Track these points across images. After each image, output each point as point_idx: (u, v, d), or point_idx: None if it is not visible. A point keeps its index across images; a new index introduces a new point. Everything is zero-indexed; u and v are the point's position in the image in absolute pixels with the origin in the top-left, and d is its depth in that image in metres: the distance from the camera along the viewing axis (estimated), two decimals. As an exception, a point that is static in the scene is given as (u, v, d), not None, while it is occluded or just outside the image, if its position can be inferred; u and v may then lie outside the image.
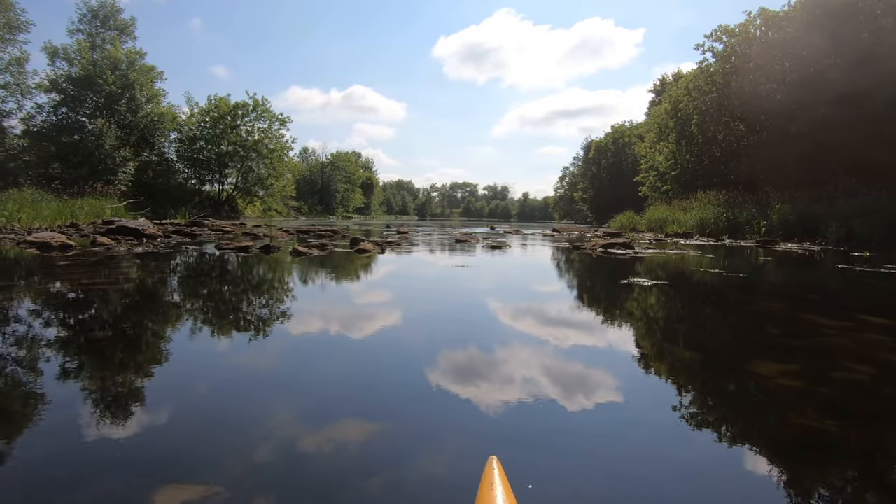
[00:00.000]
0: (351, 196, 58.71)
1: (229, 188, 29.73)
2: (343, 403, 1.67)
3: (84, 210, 15.74)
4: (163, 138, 26.17)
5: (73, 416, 1.50)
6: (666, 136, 23.75)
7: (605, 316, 3.44)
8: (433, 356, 2.26)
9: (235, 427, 1.45)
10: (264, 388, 1.80)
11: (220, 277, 4.66)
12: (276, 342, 2.45)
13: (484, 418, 1.55)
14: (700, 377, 2.11)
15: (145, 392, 1.72)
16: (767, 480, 1.26)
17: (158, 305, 3.30)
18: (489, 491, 1.03)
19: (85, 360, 2.07)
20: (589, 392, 1.83)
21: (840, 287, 4.96)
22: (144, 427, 1.44)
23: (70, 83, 22.12)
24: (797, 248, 10.07)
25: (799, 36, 16.17)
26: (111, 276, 4.33)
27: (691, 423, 1.59)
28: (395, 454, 1.32)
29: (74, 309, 3.10)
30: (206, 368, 2.02)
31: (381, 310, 3.39)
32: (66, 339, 2.39)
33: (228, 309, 3.25)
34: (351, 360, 2.18)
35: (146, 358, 2.15)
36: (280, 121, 30.26)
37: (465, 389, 1.80)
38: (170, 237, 8.88)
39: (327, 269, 5.45)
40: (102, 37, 24.98)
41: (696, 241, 12.86)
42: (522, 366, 2.11)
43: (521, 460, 1.28)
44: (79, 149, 20.70)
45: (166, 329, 2.66)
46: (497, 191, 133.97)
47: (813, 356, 2.35)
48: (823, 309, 3.74)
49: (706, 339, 2.81)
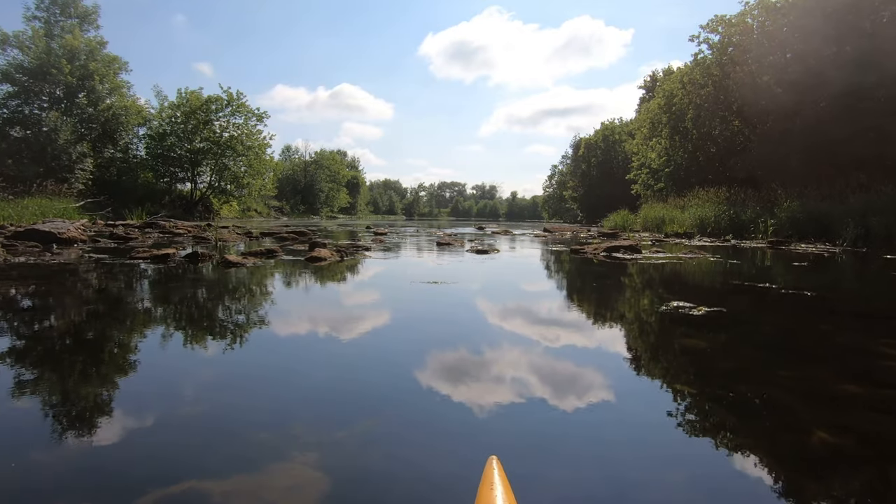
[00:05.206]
0: (336, 196, 57.14)
1: (203, 187, 28.09)
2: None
3: (29, 211, 14.30)
4: (128, 133, 24.44)
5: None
6: (659, 131, 22.85)
7: (687, 405, 1.84)
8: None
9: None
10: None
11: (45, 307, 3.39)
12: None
13: (484, 419, 1.54)
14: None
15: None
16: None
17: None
18: (489, 491, 1.03)
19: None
20: (589, 391, 1.87)
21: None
22: None
23: (22, 73, 20.41)
24: (815, 250, 9.08)
25: (800, 25, 15.31)
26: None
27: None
28: (396, 454, 1.32)
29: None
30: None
31: (242, 382, 2.17)
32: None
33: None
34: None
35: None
36: (257, 116, 28.68)
37: (464, 391, 1.79)
38: (97, 241, 7.53)
39: (233, 291, 4.05)
40: (62, 25, 23.26)
41: (699, 241, 11.85)
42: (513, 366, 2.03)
43: (521, 460, 1.28)
44: (31, 144, 19.04)
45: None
46: (485, 190, 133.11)
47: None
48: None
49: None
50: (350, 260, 6.20)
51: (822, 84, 14.23)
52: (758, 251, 8.99)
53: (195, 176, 27.54)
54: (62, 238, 6.74)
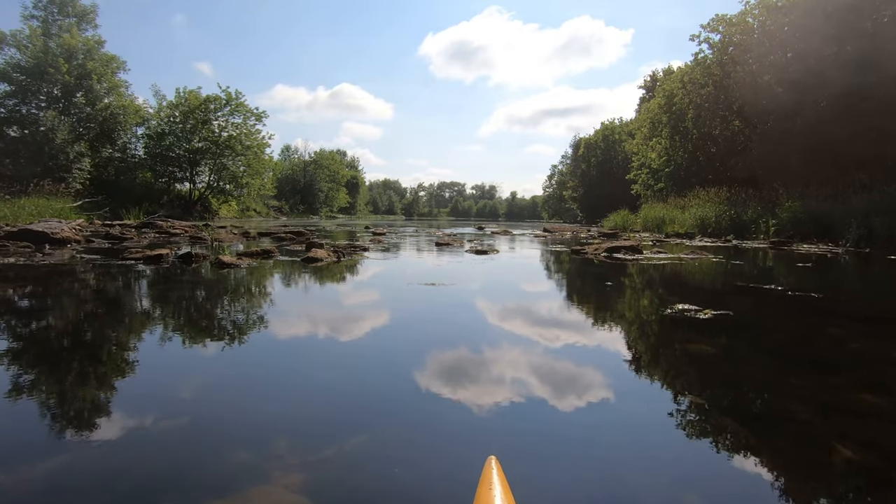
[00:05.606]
0: (335, 195, 57.01)
1: (201, 187, 27.96)
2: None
3: (25, 210, 14.21)
4: (126, 133, 24.30)
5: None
6: (659, 131, 22.76)
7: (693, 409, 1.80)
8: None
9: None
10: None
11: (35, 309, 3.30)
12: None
13: (483, 419, 1.54)
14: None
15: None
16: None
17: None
18: (488, 491, 1.02)
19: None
20: (588, 391, 1.84)
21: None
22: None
23: (20, 72, 20.29)
24: (817, 250, 8.99)
25: (801, 24, 15.22)
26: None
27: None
28: (394, 454, 1.32)
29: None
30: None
31: (241, 380, 2.08)
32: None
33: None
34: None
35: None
36: (256, 116, 28.56)
37: (463, 391, 1.78)
38: (91, 242, 7.43)
39: (224, 294, 3.92)
40: (60, 24, 23.13)
41: (700, 241, 11.77)
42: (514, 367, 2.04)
43: (520, 461, 1.28)
44: (28, 144, 18.92)
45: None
46: (485, 190, 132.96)
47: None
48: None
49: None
50: (347, 261, 6.10)
51: (823, 84, 14.15)
52: (760, 252, 8.91)
53: (194, 176, 27.42)
54: (55, 238, 6.64)
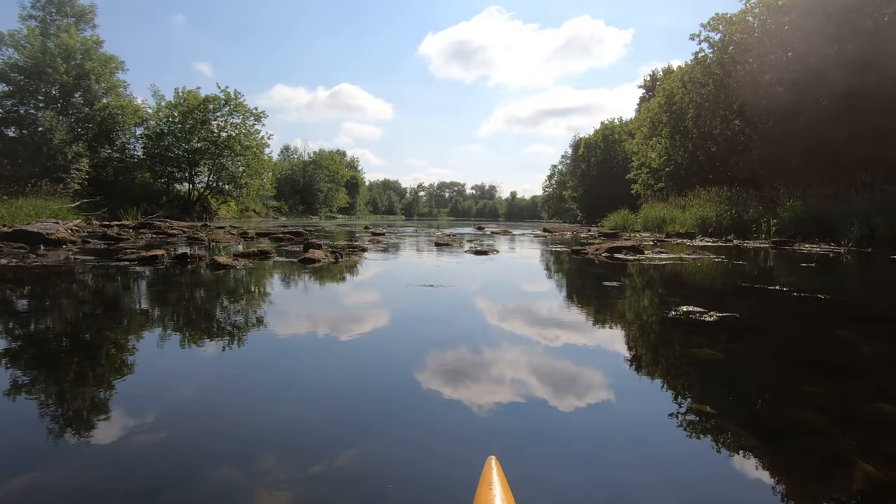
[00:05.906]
0: (334, 196, 56.93)
1: (200, 187, 27.88)
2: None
3: (23, 211, 14.14)
4: (125, 133, 24.23)
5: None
6: (659, 131, 22.71)
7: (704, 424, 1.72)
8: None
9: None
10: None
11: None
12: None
13: (483, 419, 1.54)
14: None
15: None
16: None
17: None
18: (488, 491, 1.02)
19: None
20: (588, 392, 1.84)
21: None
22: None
23: (17, 72, 20.21)
24: (819, 250, 8.93)
25: (801, 23, 15.16)
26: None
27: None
28: (394, 454, 1.32)
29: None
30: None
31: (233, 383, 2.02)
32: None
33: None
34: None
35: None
36: (255, 116, 28.48)
37: (463, 391, 1.77)
38: (87, 242, 7.36)
39: (218, 295, 3.80)
40: (58, 24, 23.05)
41: (701, 241, 11.71)
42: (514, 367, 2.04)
43: (520, 461, 1.28)
44: (26, 144, 18.84)
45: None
46: (485, 190, 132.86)
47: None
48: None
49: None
50: (345, 261, 6.04)
51: (824, 83, 14.09)
52: (761, 251, 8.85)
53: (193, 176, 27.33)
54: (50, 239, 6.57)
